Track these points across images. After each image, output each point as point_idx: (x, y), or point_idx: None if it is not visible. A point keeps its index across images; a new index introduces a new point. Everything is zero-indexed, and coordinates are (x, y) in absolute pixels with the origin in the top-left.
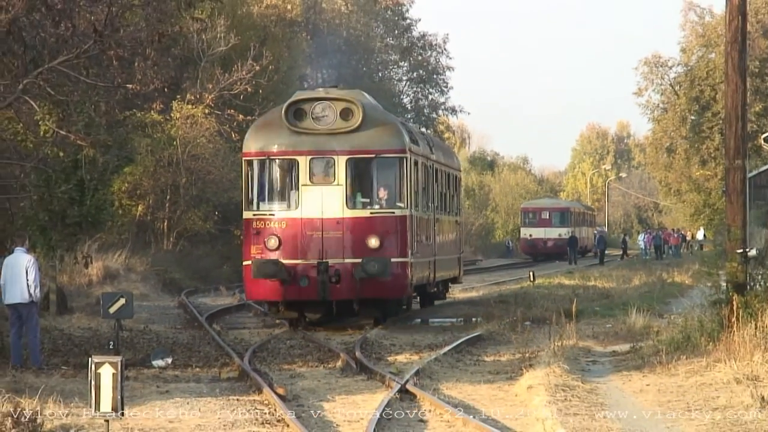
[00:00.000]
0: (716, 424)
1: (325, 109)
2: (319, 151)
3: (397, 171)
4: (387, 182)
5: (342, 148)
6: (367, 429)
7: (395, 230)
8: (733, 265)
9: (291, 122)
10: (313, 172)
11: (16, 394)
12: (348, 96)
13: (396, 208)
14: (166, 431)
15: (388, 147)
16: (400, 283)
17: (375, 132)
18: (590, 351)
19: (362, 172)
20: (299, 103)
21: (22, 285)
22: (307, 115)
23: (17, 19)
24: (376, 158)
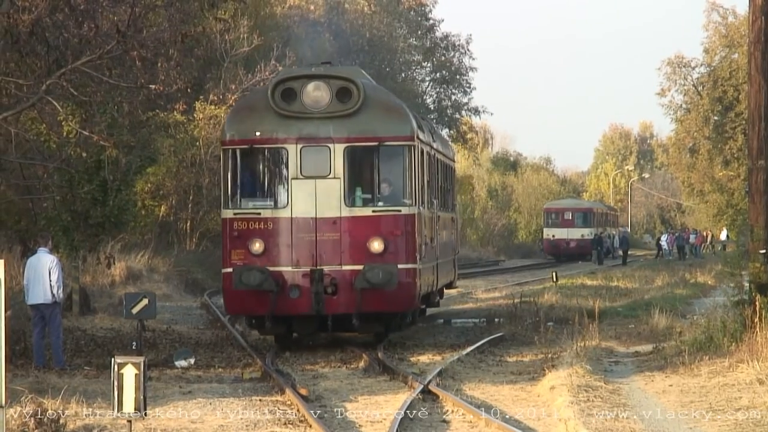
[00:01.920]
0: (739, 424)
1: (319, 88)
2: (312, 138)
3: (404, 162)
4: (392, 175)
5: (339, 135)
6: (389, 429)
7: (402, 232)
8: (756, 266)
9: (278, 104)
10: (305, 163)
11: (39, 395)
12: (345, 73)
13: (402, 206)
14: (189, 431)
15: (393, 133)
16: (407, 293)
17: (378, 116)
18: (613, 351)
19: (363, 162)
20: (288, 82)
21: (45, 285)
22: (298, 96)
23: (40, 20)
24: (380, 146)
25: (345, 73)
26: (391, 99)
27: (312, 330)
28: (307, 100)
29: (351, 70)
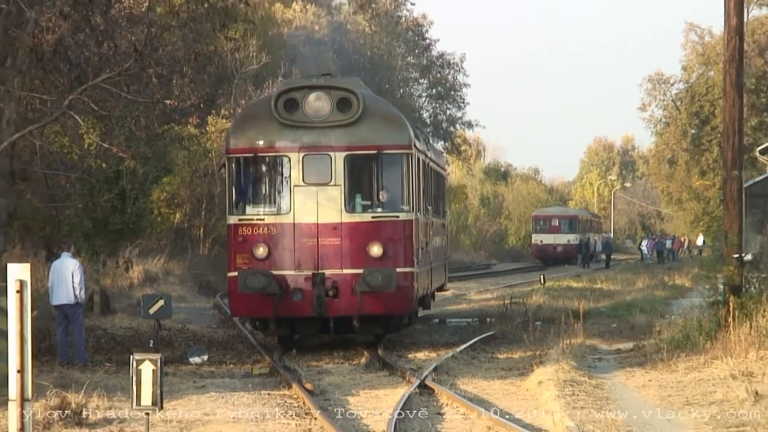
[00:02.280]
0: (713, 417)
1: (320, 99)
2: (314, 147)
3: (402, 169)
4: (390, 182)
5: (340, 144)
6: (389, 421)
7: (400, 237)
8: (730, 269)
9: (281, 114)
10: (307, 170)
11: (62, 389)
12: (345, 84)
13: (400, 212)
14: (202, 424)
15: (392, 142)
16: (405, 296)
17: (377, 125)
18: (596, 349)
19: (363, 170)
20: (290, 93)
21: (68, 287)
22: (300, 106)
23: (63, 40)
24: (379, 155)
25: (345, 84)
26: (390, 109)
27: (314, 331)
28: (308, 110)
29: (351, 81)
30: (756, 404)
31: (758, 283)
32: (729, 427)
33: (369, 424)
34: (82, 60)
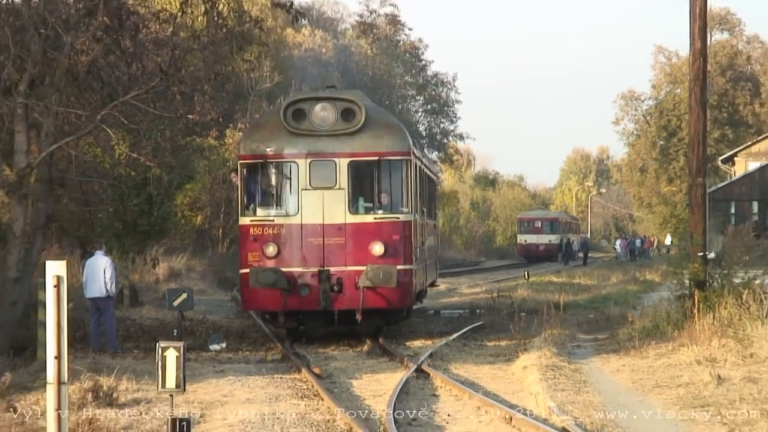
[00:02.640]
0: (680, 398)
1: (326, 109)
2: (320, 154)
3: (402, 174)
4: (390, 186)
5: (344, 150)
6: (389, 402)
7: (400, 236)
8: (695, 266)
9: (290, 123)
10: (314, 175)
11: (95, 373)
12: (349, 96)
13: (400, 213)
14: (220, 404)
15: (392, 149)
16: (405, 291)
17: (378, 133)
18: (575, 337)
19: (365, 175)
20: (298, 103)
21: (100, 282)
22: (307, 116)
23: (96, 61)
24: (380, 161)
25: (349, 96)
26: (390, 119)
27: (319, 324)
28: (315, 119)
29: (353, 93)
30: (718, 386)
31: (720, 279)
32: (694, 407)
33: (371, 404)
34: (113, 79)
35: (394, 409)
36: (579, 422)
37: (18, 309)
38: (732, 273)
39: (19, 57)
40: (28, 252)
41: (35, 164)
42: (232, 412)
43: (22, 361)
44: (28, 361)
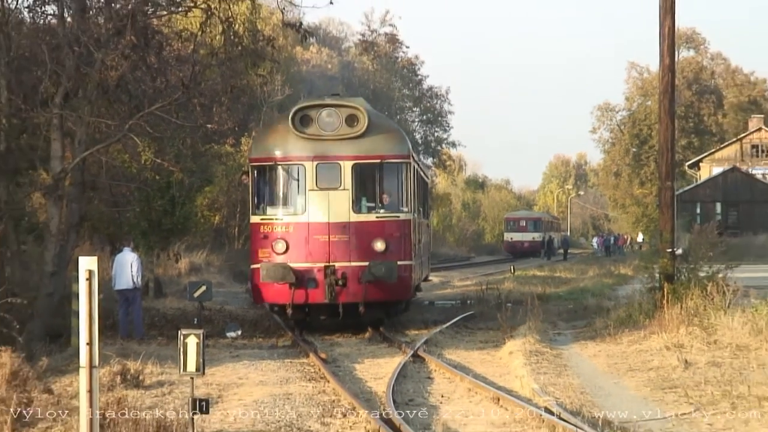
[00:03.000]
0: (651, 380)
1: (331, 115)
2: (326, 157)
3: (402, 176)
4: (391, 187)
5: (348, 154)
6: (388, 384)
7: (400, 234)
8: (664, 261)
9: (297, 128)
10: (320, 177)
11: (123, 358)
12: (353, 103)
13: (400, 212)
14: (236, 386)
15: (393, 153)
16: (405, 285)
17: (380, 138)
18: (556, 326)
19: (367, 177)
20: (305, 110)
21: (127, 276)
22: (314, 122)
23: (124, 76)
24: (382, 163)
25: (352, 103)
26: (391, 124)
27: (325, 316)
28: (321, 124)
29: (357, 100)
30: (685, 370)
31: (687, 273)
32: (664, 389)
33: (372, 386)
34: (140, 92)
35: (393, 391)
36: (560, 402)
37: (54, 300)
38: (697, 267)
39: (55, 72)
40: (62, 248)
41: (69, 169)
42: (247, 393)
43: (57, 347)
44: (62, 347)
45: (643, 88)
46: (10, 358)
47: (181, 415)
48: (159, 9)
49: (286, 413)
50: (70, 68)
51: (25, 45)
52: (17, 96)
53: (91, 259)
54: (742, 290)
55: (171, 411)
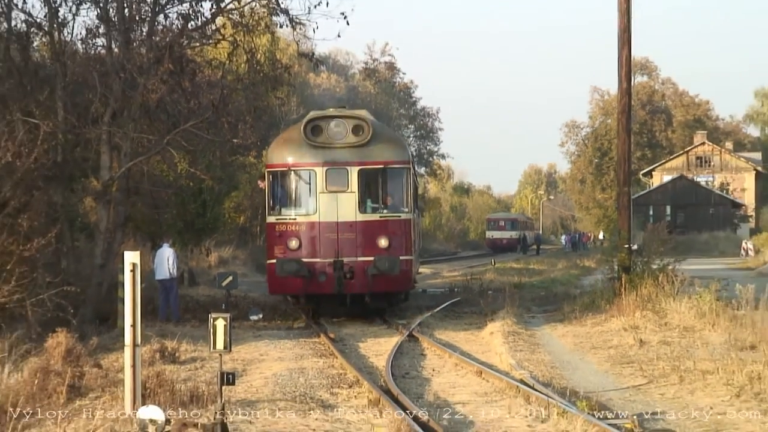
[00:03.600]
0: (611, 356)
1: (339, 125)
2: (335, 163)
3: (403, 180)
4: (393, 190)
5: (354, 160)
6: (387, 359)
7: (402, 232)
8: (622, 255)
9: (309, 138)
10: (329, 181)
11: (162, 338)
12: (359, 114)
13: (402, 212)
14: (258, 361)
15: (395, 159)
16: (406, 277)
17: (383, 146)
18: (530, 310)
19: (372, 180)
20: (316, 121)
21: (164, 267)
22: (324, 132)
23: (163, 98)
24: (385, 169)
25: (358, 114)
26: (393, 133)
27: (334, 305)
28: (330, 134)
29: (362, 112)
30: (640, 348)
31: (641, 265)
32: (622, 364)
33: (374, 362)
34: (176, 112)
35: (391, 365)
36: (534, 375)
37: (102, 288)
38: (650, 261)
39: (104, 95)
40: (110, 244)
41: (116, 177)
42: (267, 367)
43: (105, 329)
44: (110, 328)
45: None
46: (66, 337)
47: (211, 387)
48: (192, 41)
49: (301, 384)
50: (117, 91)
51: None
52: (72, 115)
53: (134, 254)
54: (689, 280)
55: (202, 383)
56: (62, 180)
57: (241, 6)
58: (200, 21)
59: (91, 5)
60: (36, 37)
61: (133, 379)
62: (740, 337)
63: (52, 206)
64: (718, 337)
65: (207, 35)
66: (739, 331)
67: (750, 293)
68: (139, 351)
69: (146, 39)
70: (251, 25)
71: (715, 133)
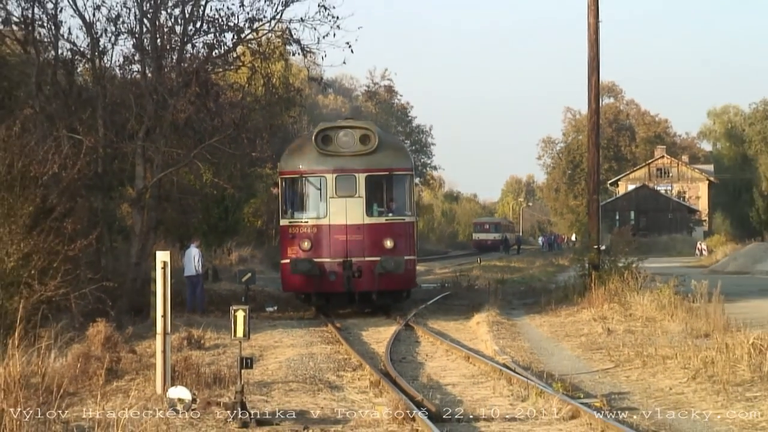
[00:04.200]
0: (582, 343)
1: (348, 135)
2: (343, 170)
3: (407, 185)
4: (398, 195)
5: (362, 167)
6: (386, 346)
7: (406, 234)
8: (592, 255)
9: (320, 146)
10: (339, 186)
11: (189, 327)
12: (366, 125)
13: (405, 216)
14: (273, 348)
15: (399, 166)
16: (410, 276)
17: (388, 154)
18: (511, 302)
19: (378, 186)
20: (326, 131)
21: (191, 265)
22: (333, 141)
23: (190, 117)
24: (390, 175)
25: (365, 125)
26: (397, 142)
27: (343, 303)
28: (339, 143)
29: (368, 122)
30: (608, 336)
31: (609, 263)
32: (592, 350)
33: (374, 348)
34: (202, 129)
35: (390, 351)
36: (515, 360)
37: (137, 283)
38: (617, 259)
39: (139, 114)
40: (144, 245)
41: (149, 186)
42: (281, 353)
43: (139, 319)
44: (143, 319)
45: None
46: (105, 327)
47: (232, 370)
48: (216, 67)
49: (310, 368)
50: (150, 111)
51: (116, 94)
52: (111, 132)
53: (165, 253)
54: (650, 276)
55: (224, 366)
56: (102, 188)
57: (258, 37)
58: (223, 50)
59: (128, 36)
60: (79, 64)
61: (164, 363)
62: (695, 327)
63: (93, 211)
64: (676, 327)
65: (229, 62)
66: (694, 321)
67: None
68: (168, 338)
69: (176, 65)
70: (268, 53)
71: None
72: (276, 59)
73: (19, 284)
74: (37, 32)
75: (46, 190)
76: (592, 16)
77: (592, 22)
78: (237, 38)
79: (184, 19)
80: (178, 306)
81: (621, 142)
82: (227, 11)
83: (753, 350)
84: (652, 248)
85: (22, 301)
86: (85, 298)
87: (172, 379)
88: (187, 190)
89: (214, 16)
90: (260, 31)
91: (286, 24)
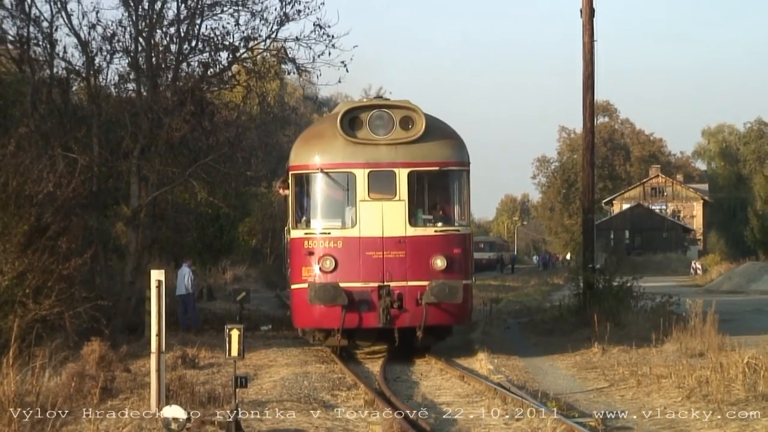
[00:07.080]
0: (577, 362)
1: (383, 117)
2: (379, 164)
3: (461, 185)
4: (450, 197)
5: (403, 160)
6: (381, 365)
7: (461, 250)
8: (586, 274)
9: (346, 132)
10: (372, 186)
11: (183, 346)
12: (407, 104)
13: (460, 226)
14: (268, 366)
15: (452, 159)
16: (466, 308)
17: (438, 143)
18: (506, 321)
19: (424, 186)
20: (355, 111)
21: (182, 284)
22: (364, 125)
23: (185, 136)
24: (441, 171)
25: (406, 104)
26: (449, 128)
27: (372, 340)
28: (372, 127)
29: (410, 102)
30: (603, 355)
31: (603, 282)
32: (586, 369)
33: (369, 367)
34: (197, 148)
35: (385, 370)
36: (509, 378)
37: (132, 302)
38: (611, 278)
39: (134, 132)
40: (138, 264)
41: (144, 204)
42: (276, 372)
43: (134, 338)
44: (138, 337)
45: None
46: (99, 345)
47: (227, 389)
48: (211, 86)
49: (305, 387)
50: (145, 130)
51: (111, 113)
52: (106, 150)
53: (160, 272)
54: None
55: (219, 385)
56: (97, 207)
57: (254, 55)
58: (218, 68)
59: (123, 54)
60: (75, 82)
61: (158, 382)
62: (690, 346)
63: (88, 230)
64: (671, 346)
65: (224, 81)
66: (689, 340)
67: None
68: (163, 357)
69: (171, 84)
70: (263, 72)
71: (667, 166)
72: (271, 78)
73: (14, 303)
74: (32, 51)
75: (41, 208)
76: (587, 35)
77: (587, 41)
78: (232, 57)
79: (179, 37)
80: (172, 325)
81: (616, 161)
82: (222, 30)
83: (747, 369)
84: (647, 267)
85: (17, 320)
86: (80, 317)
87: (167, 398)
88: (182, 209)
89: (209, 35)
90: (255, 50)
91: (282, 43)
